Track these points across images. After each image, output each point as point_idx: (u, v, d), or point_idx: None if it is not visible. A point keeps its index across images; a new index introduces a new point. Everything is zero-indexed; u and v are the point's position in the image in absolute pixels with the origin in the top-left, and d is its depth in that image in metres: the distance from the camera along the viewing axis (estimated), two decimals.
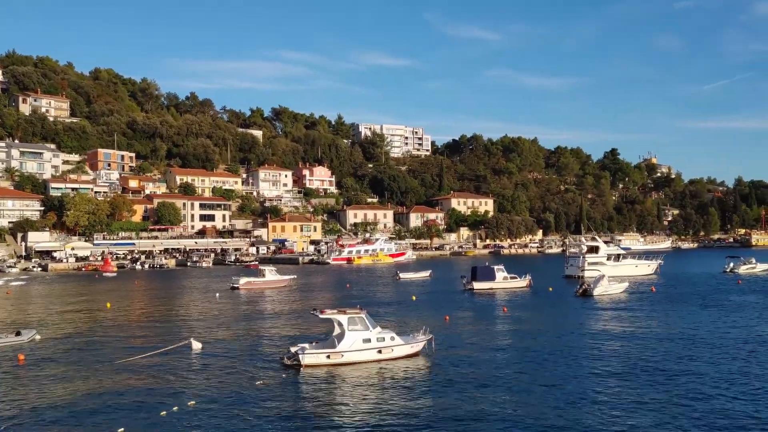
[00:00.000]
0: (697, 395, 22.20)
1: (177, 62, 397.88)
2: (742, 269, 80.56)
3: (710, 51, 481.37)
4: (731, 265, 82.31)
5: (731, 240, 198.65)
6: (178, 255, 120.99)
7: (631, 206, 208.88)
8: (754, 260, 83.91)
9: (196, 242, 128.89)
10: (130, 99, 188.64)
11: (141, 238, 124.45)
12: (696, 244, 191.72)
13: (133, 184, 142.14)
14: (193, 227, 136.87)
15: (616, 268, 73.68)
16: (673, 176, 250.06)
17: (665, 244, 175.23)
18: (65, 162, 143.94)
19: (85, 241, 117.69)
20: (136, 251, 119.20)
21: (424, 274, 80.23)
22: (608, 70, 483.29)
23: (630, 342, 32.51)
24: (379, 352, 27.97)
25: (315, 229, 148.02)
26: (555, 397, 22.12)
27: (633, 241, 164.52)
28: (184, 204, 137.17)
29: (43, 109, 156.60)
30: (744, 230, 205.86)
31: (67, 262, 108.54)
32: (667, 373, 25.50)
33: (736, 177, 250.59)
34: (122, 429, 18.98)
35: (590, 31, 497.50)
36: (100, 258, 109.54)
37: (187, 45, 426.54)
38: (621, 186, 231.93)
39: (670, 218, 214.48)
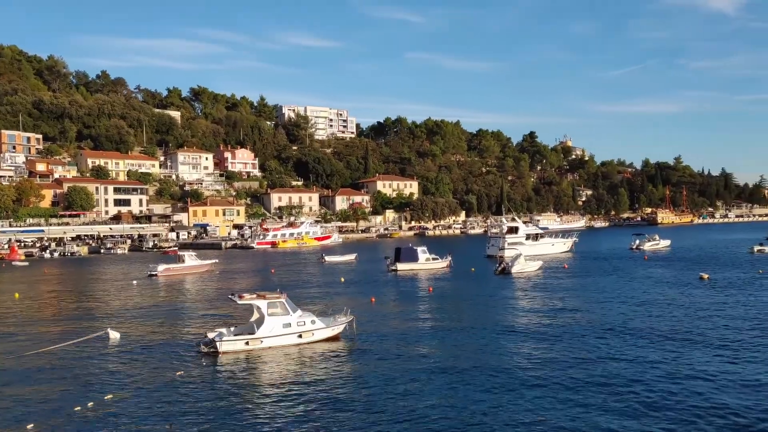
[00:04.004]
0: (604, 361, 23.75)
1: (86, 38, 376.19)
2: (647, 246, 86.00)
3: (620, 38, 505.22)
4: (637, 242, 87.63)
5: (639, 218, 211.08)
6: (91, 242, 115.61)
7: (549, 187, 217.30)
8: (657, 237, 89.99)
9: (110, 228, 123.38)
10: (36, 77, 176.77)
11: (51, 225, 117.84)
12: (607, 223, 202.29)
13: (40, 167, 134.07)
14: (107, 212, 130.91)
15: (535, 247, 77.00)
16: (586, 158, 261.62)
17: (580, 223, 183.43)
18: None
19: None
20: (45, 238, 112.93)
21: (350, 257, 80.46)
22: (526, 55, 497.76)
23: (541, 313, 34.41)
24: (300, 336, 27.98)
25: (238, 213, 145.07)
26: (475, 372, 22.93)
27: (550, 221, 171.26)
28: (96, 188, 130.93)
29: None
30: (651, 209, 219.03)
31: None
32: (575, 338, 27.18)
33: (644, 159, 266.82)
34: (32, 425, 18.17)
35: (510, 16, 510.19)
36: (6, 246, 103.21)
37: (97, 20, 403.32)
38: (539, 168, 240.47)
39: (584, 198, 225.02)
